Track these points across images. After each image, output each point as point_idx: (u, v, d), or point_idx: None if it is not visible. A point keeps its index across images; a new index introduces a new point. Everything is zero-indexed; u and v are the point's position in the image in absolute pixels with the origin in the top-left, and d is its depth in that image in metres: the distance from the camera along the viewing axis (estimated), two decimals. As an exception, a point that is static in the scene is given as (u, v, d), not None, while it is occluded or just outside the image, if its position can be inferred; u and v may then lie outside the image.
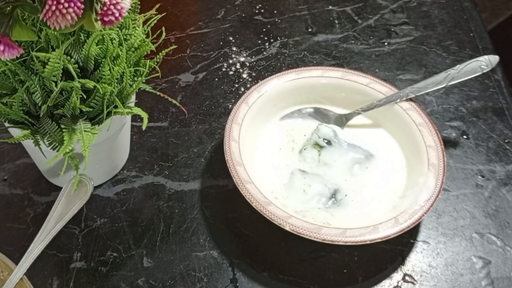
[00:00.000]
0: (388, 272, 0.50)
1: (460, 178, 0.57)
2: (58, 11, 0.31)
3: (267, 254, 0.51)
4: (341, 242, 0.46)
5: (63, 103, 0.44)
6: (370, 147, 0.57)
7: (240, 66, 0.69)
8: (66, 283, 0.49)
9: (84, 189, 0.50)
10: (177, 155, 0.59)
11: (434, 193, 0.49)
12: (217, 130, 0.62)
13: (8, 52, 0.34)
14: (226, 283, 0.49)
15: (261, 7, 0.78)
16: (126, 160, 0.58)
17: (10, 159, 0.58)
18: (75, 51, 0.43)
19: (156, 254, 0.51)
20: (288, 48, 0.71)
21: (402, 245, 0.51)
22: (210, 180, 0.57)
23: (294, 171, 0.55)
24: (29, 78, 0.42)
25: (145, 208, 0.54)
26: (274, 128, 0.59)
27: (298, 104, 0.61)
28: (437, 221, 0.53)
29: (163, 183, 0.57)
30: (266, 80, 0.60)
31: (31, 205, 0.54)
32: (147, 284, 0.49)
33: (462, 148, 0.60)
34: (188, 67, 0.69)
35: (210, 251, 0.51)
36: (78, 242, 0.52)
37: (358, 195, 0.53)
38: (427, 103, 0.64)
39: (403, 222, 0.47)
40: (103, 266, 0.50)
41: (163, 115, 0.63)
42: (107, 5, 0.34)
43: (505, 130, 0.61)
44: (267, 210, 0.48)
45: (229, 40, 0.73)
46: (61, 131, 0.44)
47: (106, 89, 0.43)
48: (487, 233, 0.52)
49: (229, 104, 0.65)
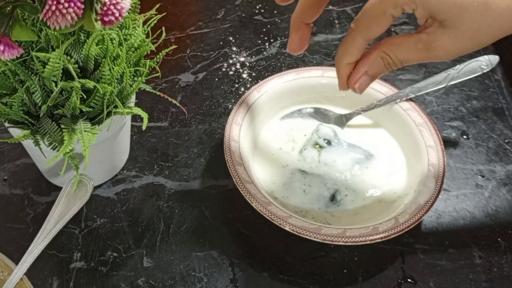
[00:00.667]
0: (388, 272, 0.50)
1: (460, 178, 0.57)
2: (58, 11, 0.31)
3: (267, 254, 0.51)
4: (341, 242, 0.46)
5: (63, 103, 0.44)
6: (370, 147, 0.57)
7: (240, 66, 0.69)
8: (66, 283, 0.49)
9: (84, 189, 0.50)
10: (177, 155, 0.59)
11: (434, 193, 0.49)
12: (217, 130, 0.62)
13: (8, 52, 0.34)
14: (226, 283, 0.49)
15: (261, 7, 0.78)
16: (126, 160, 0.58)
17: (10, 159, 0.58)
18: (75, 51, 0.43)
19: (156, 254, 0.51)
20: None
21: (402, 245, 0.51)
22: (210, 180, 0.57)
23: (294, 171, 0.55)
24: (29, 78, 0.42)
25: (145, 208, 0.54)
26: (274, 128, 0.59)
27: (298, 104, 0.61)
28: (437, 221, 0.53)
29: (163, 183, 0.57)
30: (266, 80, 0.60)
31: (31, 205, 0.54)
32: (147, 284, 0.49)
33: (462, 148, 0.60)
34: (188, 67, 0.69)
35: (210, 251, 0.51)
36: (78, 242, 0.52)
37: (358, 195, 0.53)
38: (427, 103, 0.64)
39: (403, 222, 0.47)
40: (103, 266, 0.50)
41: (163, 115, 0.63)
42: (107, 5, 0.34)
43: (505, 130, 0.61)
44: (267, 210, 0.48)
45: (229, 40, 0.73)
46: (61, 131, 0.44)
47: (106, 89, 0.43)
48: (487, 233, 0.52)
49: (229, 104, 0.65)
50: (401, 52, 0.38)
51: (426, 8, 0.35)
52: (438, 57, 0.37)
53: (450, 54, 0.37)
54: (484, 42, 0.36)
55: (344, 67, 0.41)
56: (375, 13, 0.37)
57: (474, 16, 0.34)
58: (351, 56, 0.40)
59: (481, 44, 0.36)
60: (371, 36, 0.38)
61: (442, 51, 0.37)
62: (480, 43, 0.36)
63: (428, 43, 0.37)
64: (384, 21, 0.37)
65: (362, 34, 0.38)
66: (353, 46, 0.39)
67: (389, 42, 0.39)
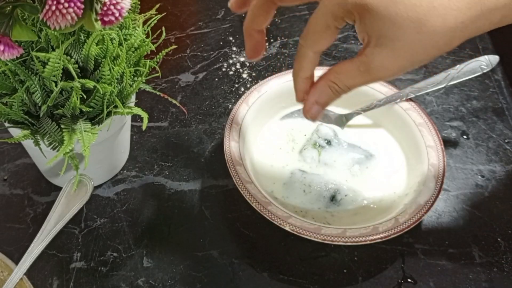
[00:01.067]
0: (388, 272, 0.50)
1: (460, 178, 0.57)
2: (58, 11, 0.31)
3: (267, 254, 0.51)
4: (341, 242, 0.46)
5: (63, 103, 0.44)
6: (370, 147, 0.57)
7: (240, 66, 0.69)
8: (66, 283, 0.49)
9: (84, 189, 0.50)
10: (177, 155, 0.59)
11: (434, 193, 0.49)
12: (217, 130, 0.62)
13: (8, 52, 0.34)
14: (226, 283, 0.49)
15: (261, 7, 0.78)
16: (126, 160, 0.58)
17: (10, 159, 0.58)
18: (75, 51, 0.43)
19: (156, 254, 0.51)
20: (288, 48, 0.71)
21: (402, 245, 0.51)
22: (210, 180, 0.57)
23: (294, 171, 0.55)
24: (29, 78, 0.42)
25: (145, 208, 0.54)
26: (274, 128, 0.59)
27: (298, 104, 0.60)
28: (437, 221, 0.53)
29: (163, 183, 0.57)
30: (266, 80, 0.60)
31: (31, 205, 0.54)
32: (147, 284, 0.49)
33: (462, 148, 0.60)
34: (188, 67, 0.69)
35: (210, 251, 0.51)
36: (78, 242, 0.52)
37: (358, 195, 0.53)
38: (427, 103, 0.64)
39: (403, 222, 0.47)
40: (103, 266, 0.50)
41: (163, 115, 0.63)
42: (107, 5, 0.34)
43: (505, 130, 0.61)
44: (267, 210, 0.48)
45: (229, 40, 0.73)
46: (61, 131, 0.44)
47: (106, 89, 0.43)
48: (487, 233, 0.52)
49: (229, 104, 0.65)
50: (346, 78, 0.38)
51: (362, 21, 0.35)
52: (380, 77, 0.37)
53: (391, 73, 0.37)
54: (421, 59, 0.36)
55: (300, 82, 0.42)
56: (319, 27, 0.37)
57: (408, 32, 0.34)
58: (306, 70, 0.41)
59: (420, 61, 0.36)
60: (321, 48, 0.39)
61: (382, 71, 0.36)
62: (418, 60, 0.36)
63: (368, 64, 0.36)
64: (329, 34, 0.37)
65: (311, 48, 0.39)
66: (305, 61, 0.40)
67: (334, 70, 0.39)
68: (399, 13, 0.34)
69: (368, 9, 0.34)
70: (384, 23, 0.34)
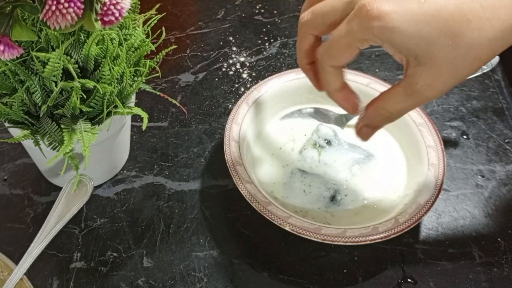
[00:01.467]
0: (388, 272, 0.50)
1: (460, 178, 0.57)
2: (58, 11, 0.31)
3: (267, 254, 0.51)
4: (341, 242, 0.46)
5: (63, 103, 0.44)
6: (370, 147, 0.57)
7: (240, 66, 0.69)
8: (66, 283, 0.49)
9: (84, 189, 0.50)
10: (177, 155, 0.59)
11: (434, 193, 0.49)
12: (217, 130, 0.62)
13: (8, 52, 0.34)
14: (226, 283, 0.49)
15: (261, 7, 0.78)
16: (126, 160, 0.58)
17: (10, 159, 0.58)
18: (75, 51, 0.43)
19: (156, 254, 0.51)
20: (288, 48, 0.71)
21: (402, 245, 0.51)
22: (210, 180, 0.57)
23: (294, 171, 0.55)
24: (29, 78, 0.42)
25: (145, 208, 0.54)
26: (274, 128, 0.59)
27: (298, 104, 0.61)
28: (437, 221, 0.53)
29: (163, 183, 0.57)
30: (266, 80, 0.60)
31: (31, 205, 0.54)
32: (147, 284, 0.49)
33: (462, 148, 0.60)
34: (188, 67, 0.69)
35: (210, 251, 0.51)
36: (78, 242, 0.52)
37: (358, 195, 0.53)
38: (427, 103, 0.64)
39: (403, 222, 0.47)
40: (103, 266, 0.50)
41: (163, 115, 0.63)
42: (107, 5, 0.34)
43: (505, 130, 0.61)
44: (267, 210, 0.48)
45: (229, 40, 0.73)
46: (61, 131, 0.44)
47: (106, 89, 0.43)
48: (487, 233, 0.52)
49: (229, 104, 0.65)
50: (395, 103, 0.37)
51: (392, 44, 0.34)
52: (427, 97, 0.36)
53: (438, 91, 0.35)
54: (466, 73, 0.34)
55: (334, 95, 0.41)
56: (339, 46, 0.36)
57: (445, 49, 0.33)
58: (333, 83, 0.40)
59: (465, 75, 0.35)
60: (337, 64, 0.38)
61: (428, 90, 0.35)
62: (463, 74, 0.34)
63: (413, 85, 0.35)
64: (349, 52, 0.36)
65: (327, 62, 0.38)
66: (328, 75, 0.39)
67: (383, 95, 0.38)
68: (431, 30, 0.32)
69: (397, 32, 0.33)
70: (417, 42, 0.33)
